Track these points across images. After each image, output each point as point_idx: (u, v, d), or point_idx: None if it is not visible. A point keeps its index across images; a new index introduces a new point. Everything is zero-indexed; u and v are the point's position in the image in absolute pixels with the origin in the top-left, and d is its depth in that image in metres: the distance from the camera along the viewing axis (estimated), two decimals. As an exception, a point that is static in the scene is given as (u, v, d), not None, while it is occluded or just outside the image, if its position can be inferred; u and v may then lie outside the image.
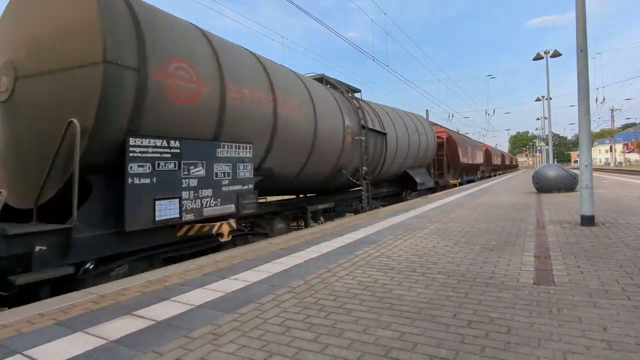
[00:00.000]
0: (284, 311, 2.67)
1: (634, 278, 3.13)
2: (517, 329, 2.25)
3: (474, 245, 4.66)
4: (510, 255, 4.09)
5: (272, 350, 2.08)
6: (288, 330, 2.34)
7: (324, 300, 2.88)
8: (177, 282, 3.50)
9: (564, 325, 2.26)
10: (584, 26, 6.05)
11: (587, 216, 5.84)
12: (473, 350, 2.00)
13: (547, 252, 4.16)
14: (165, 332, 2.36)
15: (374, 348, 2.06)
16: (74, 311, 2.80)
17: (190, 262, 4.37)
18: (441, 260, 3.97)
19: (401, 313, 2.56)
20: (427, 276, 3.41)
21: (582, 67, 6.02)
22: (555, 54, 20.71)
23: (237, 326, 2.42)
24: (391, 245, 4.86)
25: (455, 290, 2.99)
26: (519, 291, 2.92)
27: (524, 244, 4.63)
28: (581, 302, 2.64)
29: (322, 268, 3.82)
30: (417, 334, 2.22)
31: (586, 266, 3.54)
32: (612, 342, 2.03)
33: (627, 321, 2.29)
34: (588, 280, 3.13)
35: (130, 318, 2.62)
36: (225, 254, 4.75)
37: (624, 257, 3.79)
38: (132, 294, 3.18)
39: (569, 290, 2.90)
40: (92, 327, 2.47)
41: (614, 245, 4.37)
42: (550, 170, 12.83)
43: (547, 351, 1.96)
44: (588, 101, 6.04)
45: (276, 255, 4.47)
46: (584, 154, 6.09)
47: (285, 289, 3.18)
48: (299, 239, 5.54)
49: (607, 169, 52.12)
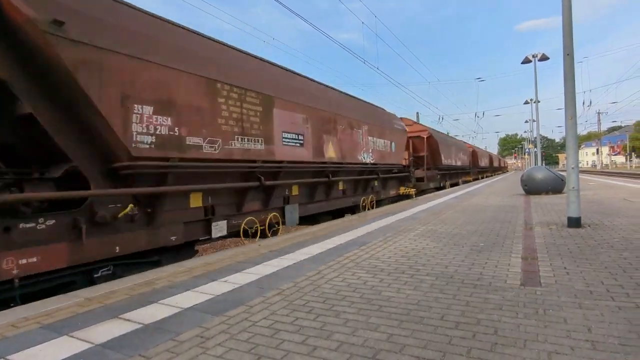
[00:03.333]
0: (273, 314, 2.66)
1: (618, 279, 3.18)
2: (503, 330, 2.27)
3: (462, 246, 4.71)
4: (498, 256, 4.13)
5: (260, 353, 2.07)
6: (277, 333, 2.33)
7: (313, 302, 2.88)
8: (165, 284, 3.47)
9: (550, 326, 2.30)
10: (570, 30, 6.14)
11: (574, 218, 5.92)
12: (460, 352, 2.01)
13: (534, 254, 4.21)
14: (152, 335, 2.34)
15: (363, 350, 2.07)
16: (60, 314, 2.76)
17: (179, 264, 4.33)
18: (430, 262, 4.00)
19: (390, 315, 2.57)
20: (415, 278, 3.43)
21: (569, 70, 6.12)
22: (543, 57, 21.03)
23: (225, 329, 2.41)
24: (381, 247, 4.88)
25: (444, 292, 3.01)
26: (506, 292, 2.95)
27: (512, 246, 4.68)
28: (567, 303, 2.67)
29: (311, 270, 3.82)
30: (405, 336, 2.23)
31: (572, 267, 3.60)
32: (596, 343, 2.06)
33: (610, 322, 2.33)
34: (574, 281, 3.18)
35: (118, 321, 2.59)
36: (215, 256, 4.72)
37: (609, 259, 3.86)
38: (120, 296, 3.15)
39: (555, 291, 2.94)
40: (78, 331, 2.44)
41: (599, 246, 4.44)
42: (539, 172, 12.99)
43: (532, 352, 1.98)
44: (575, 104, 6.14)
45: (266, 258, 4.46)
46: (571, 157, 6.18)
47: (275, 291, 3.18)
48: (289, 241, 5.54)
49: (593, 171, 52.95)
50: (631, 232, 5.20)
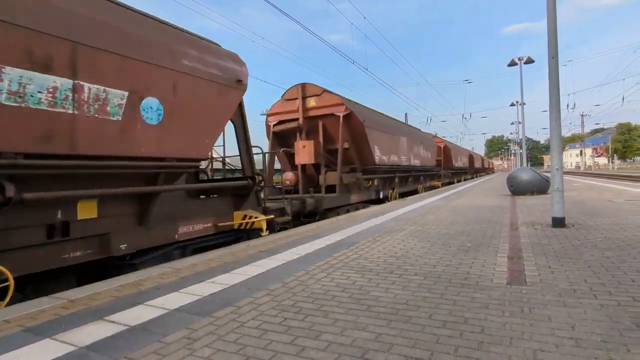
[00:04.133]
0: (261, 314, 2.65)
1: (601, 277, 3.25)
2: (490, 328, 2.30)
3: (450, 246, 4.75)
4: (485, 256, 4.18)
5: (248, 353, 2.06)
6: (265, 334, 2.32)
7: (302, 302, 2.88)
8: (152, 285, 3.43)
9: (535, 325, 2.33)
10: (555, 34, 6.26)
11: (558, 218, 6.03)
12: (447, 350, 2.03)
13: (519, 253, 4.27)
14: (138, 337, 2.31)
15: (351, 350, 2.07)
16: (43, 317, 2.71)
17: (166, 265, 4.29)
18: (418, 261, 4.03)
19: (378, 314, 2.58)
20: (404, 278, 3.45)
21: (553, 73, 6.24)
22: (528, 60, 21.42)
23: (213, 330, 2.39)
24: (369, 247, 4.90)
25: (432, 291, 3.04)
26: (493, 291, 2.99)
27: (498, 245, 4.74)
28: (551, 302, 2.72)
29: (300, 270, 3.81)
30: (394, 335, 2.25)
31: (556, 266, 3.66)
32: (579, 340, 2.10)
33: (593, 319, 2.38)
34: (558, 280, 3.23)
35: (103, 323, 2.55)
36: (202, 256, 4.68)
37: (592, 258, 3.94)
38: (105, 298, 3.10)
39: (540, 290, 2.99)
40: (61, 333, 2.39)
41: (582, 246, 4.53)
42: (524, 173, 13.20)
43: (518, 350, 2.01)
44: (559, 107, 6.26)
45: (255, 258, 4.44)
46: (555, 158, 6.30)
47: (263, 291, 3.16)
48: (278, 242, 5.52)
49: (577, 172, 54.08)
50: (613, 232, 5.32)
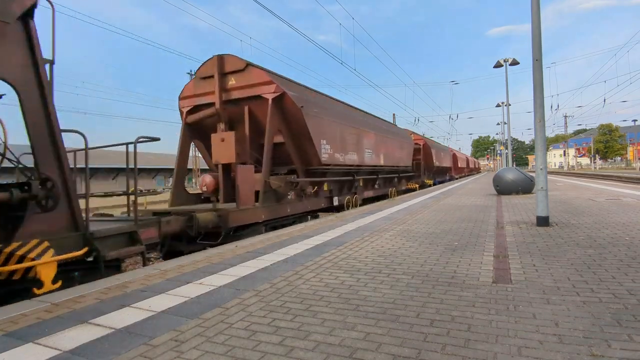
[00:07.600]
0: (249, 315, 2.64)
1: (583, 275, 3.32)
2: (476, 326, 2.33)
3: (437, 246, 4.80)
4: (472, 255, 4.24)
5: (236, 355, 2.05)
6: (253, 335, 2.31)
7: (290, 303, 2.87)
8: (138, 287, 3.38)
9: (520, 322, 2.37)
10: (539, 37, 6.37)
11: (542, 217, 6.14)
12: (435, 349, 2.05)
13: (505, 252, 4.34)
14: (124, 340, 2.27)
15: (340, 349, 2.07)
16: (25, 321, 2.65)
17: (152, 267, 4.23)
18: (406, 261, 4.06)
19: (367, 314, 2.59)
20: (392, 277, 3.48)
21: (538, 75, 6.35)
22: (513, 62, 21.75)
23: (200, 332, 2.37)
24: (358, 247, 4.92)
25: (419, 290, 3.06)
26: (479, 290, 3.03)
27: (485, 244, 4.81)
28: (535, 299, 2.77)
29: (289, 271, 3.81)
30: (382, 334, 2.26)
31: (541, 265, 3.73)
32: (562, 336, 2.14)
33: (576, 316, 2.43)
34: (542, 278, 3.29)
35: (87, 327, 2.50)
36: (189, 258, 4.64)
37: (575, 256, 4.02)
38: (90, 301, 3.04)
39: (524, 288, 3.04)
40: (44, 338, 2.34)
41: (566, 244, 4.63)
42: (510, 173, 13.42)
43: (504, 347, 2.04)
44: (543, 108, 6.37)
45: (242, 259, 4.41)
46: (540, 158, 6.41)
47: (251, 292, 3.15)
48: (266, 242, 5.50)
49: (561, 172, 55.16)
50: (595, 230, 5.44)
